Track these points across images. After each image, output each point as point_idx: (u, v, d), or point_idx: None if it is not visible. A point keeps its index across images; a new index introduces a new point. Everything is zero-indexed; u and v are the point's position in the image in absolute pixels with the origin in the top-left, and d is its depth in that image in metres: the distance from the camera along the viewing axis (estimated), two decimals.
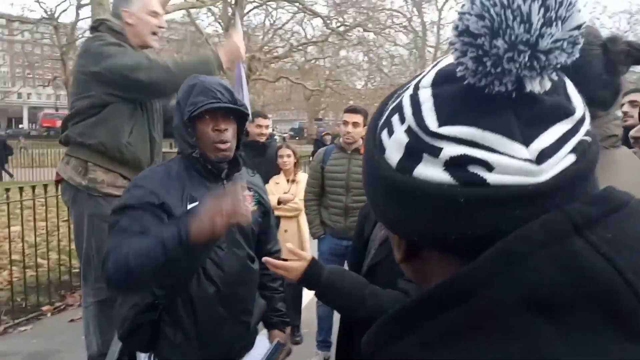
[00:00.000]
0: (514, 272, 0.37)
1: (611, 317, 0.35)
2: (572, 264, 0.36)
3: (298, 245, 3.85)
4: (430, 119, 0.42)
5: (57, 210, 4.58)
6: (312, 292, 1.50)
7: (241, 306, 1.71)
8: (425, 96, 0.43)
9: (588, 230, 0.37)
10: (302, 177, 3.94)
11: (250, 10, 18.99)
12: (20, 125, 46.25)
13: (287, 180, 3.93)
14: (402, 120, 0.44)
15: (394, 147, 0.44)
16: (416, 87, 0.45)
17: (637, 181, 0.99)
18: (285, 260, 1.55)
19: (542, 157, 0.39)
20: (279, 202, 3.80)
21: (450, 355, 0.38)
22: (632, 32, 27.83)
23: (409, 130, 0.43)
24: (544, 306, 0.35)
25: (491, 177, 0.39)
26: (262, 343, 1.84)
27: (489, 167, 0.39)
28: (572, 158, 0.40)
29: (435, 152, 0.40)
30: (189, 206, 1.57)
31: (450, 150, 0.40)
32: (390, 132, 0.45)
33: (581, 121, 0.43)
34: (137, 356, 2.40)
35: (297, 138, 31.71)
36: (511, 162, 0.38)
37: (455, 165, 0.40)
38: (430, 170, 0.41)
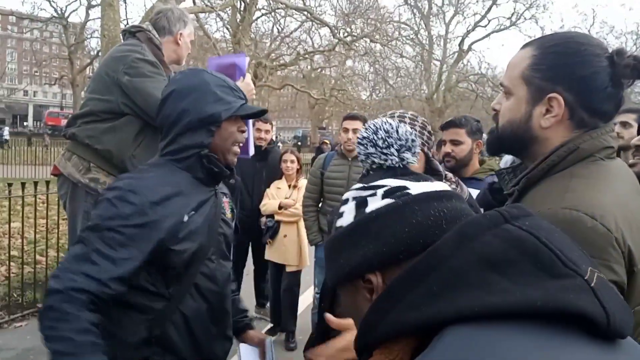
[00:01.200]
0: (470, 245, 0.56)
1: (538, 266, 0.53)
2: (509, 237, 0.55)
3: (297, 250, 3.86)
4: (365, 184, 0.72)
5: (58, 208, 4.59)
6: (307, 299, 1.36)
7: (227, 321, 1.58)
8: (355, 185, 0.74)
9: (514, 220, 0.58)
10: (304, 183, 3.97)
11: (258, 18, 19.14)
12: (25, 123, 46.44)
13: (289, 186, 3.95)
14: (346, 202, 0.72)
15: (347, 216, 0.70)
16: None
17: (630, 192, 0.99)
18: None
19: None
20: (280, 207, 3.81)
21: (433, 309, 0.54)
22: (638, 53, 27.86)
23: (354, 198, 0.71)
24: (494, 265, 0.54)
25: (412, 190, 0.67)
26: (249, 353, 1.61)
27: (406, 189, 0.68)
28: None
29: (374, 194, 0.68)
30: (186, 218, 1.38)
31: (382, 190, 0.68)
32: (341, 215, 0.71)
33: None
34: None
35: (300, 145, 31.75)
36: (417, 185, 0.69)
37: (388, 194, 0.68)
38: (376, 204, 0.67)
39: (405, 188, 0.67)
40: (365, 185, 0.71)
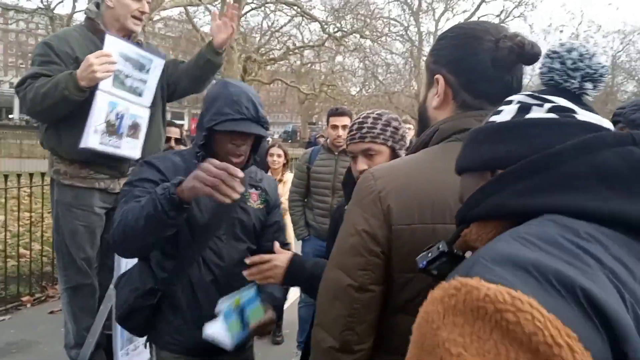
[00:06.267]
0: (588, 157, 0.59)
1: None
2: (629, 158, 0.57)
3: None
4: (535, 94, 0.71)
5: (43, 201, 4.54)
6: (295, 293, 1.40)
7: None
8: (526, 91, 0.74)
9: None
10: (290, 177, 3.96)
11: (248, 12, 18.99)
12: (10, 116, 45.74)
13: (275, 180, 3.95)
14: (509, 102, 0.73)
15: (504, 115, 0.71)
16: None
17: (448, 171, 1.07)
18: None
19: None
20: None
21: (535, 200, 0.59)
22: (625, 52, 28.14)
23: (519, 102, 0.71)
24: (605, 178, 0.57)
25: (578, 116, 0.67)
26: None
27: (574, 112, 0.67)
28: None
29: (540, 105, 0.69)
30: None
31: (549, 104, 0.69)
32: (498, 112, 0.73)
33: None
34: (114, 347, 2.39)
35: (289, 141, 31.68)
36: (586, 113, 0.67)
37: (555, 110, 0.68)
38: (538, 114, 0.68)
39: (573, 112, 0.67)
40: (535, 94, 0.71)
